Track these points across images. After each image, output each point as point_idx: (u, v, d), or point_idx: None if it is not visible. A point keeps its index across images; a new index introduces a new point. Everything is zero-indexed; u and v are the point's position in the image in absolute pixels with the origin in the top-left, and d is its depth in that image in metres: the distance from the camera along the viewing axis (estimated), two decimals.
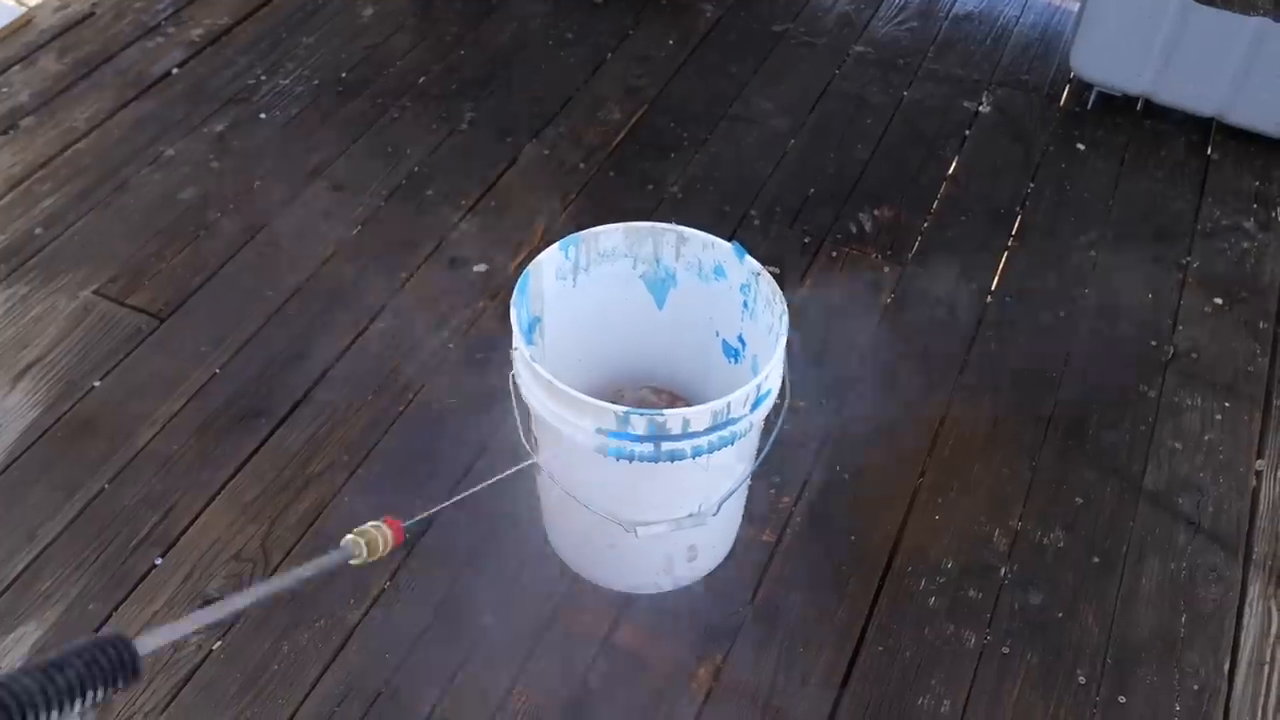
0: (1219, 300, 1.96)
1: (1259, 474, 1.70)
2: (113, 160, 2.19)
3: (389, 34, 2.54)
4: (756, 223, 2.08)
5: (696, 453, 1.22)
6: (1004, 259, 2.03)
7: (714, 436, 1.22)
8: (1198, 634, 1.50)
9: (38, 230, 2.03)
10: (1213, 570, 1.57)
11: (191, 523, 1.60)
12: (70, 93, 2.34)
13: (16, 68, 2.40)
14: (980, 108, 2.36)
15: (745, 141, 2.27)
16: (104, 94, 2.34)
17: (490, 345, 1.85)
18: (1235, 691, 1.45)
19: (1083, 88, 2.37)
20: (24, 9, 2.53)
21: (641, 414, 1.17)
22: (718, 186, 2.16)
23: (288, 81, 2.39)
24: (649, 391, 1.66)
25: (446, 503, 1.26)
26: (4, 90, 2.33)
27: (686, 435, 1.21)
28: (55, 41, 2.48)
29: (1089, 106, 2.35)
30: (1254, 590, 1.55)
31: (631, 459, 1.21)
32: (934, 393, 1.80)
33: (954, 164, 2.23)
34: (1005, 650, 1.48)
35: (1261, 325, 1.91)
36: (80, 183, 2.13)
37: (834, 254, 2.02)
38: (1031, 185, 2.18)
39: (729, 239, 1.39)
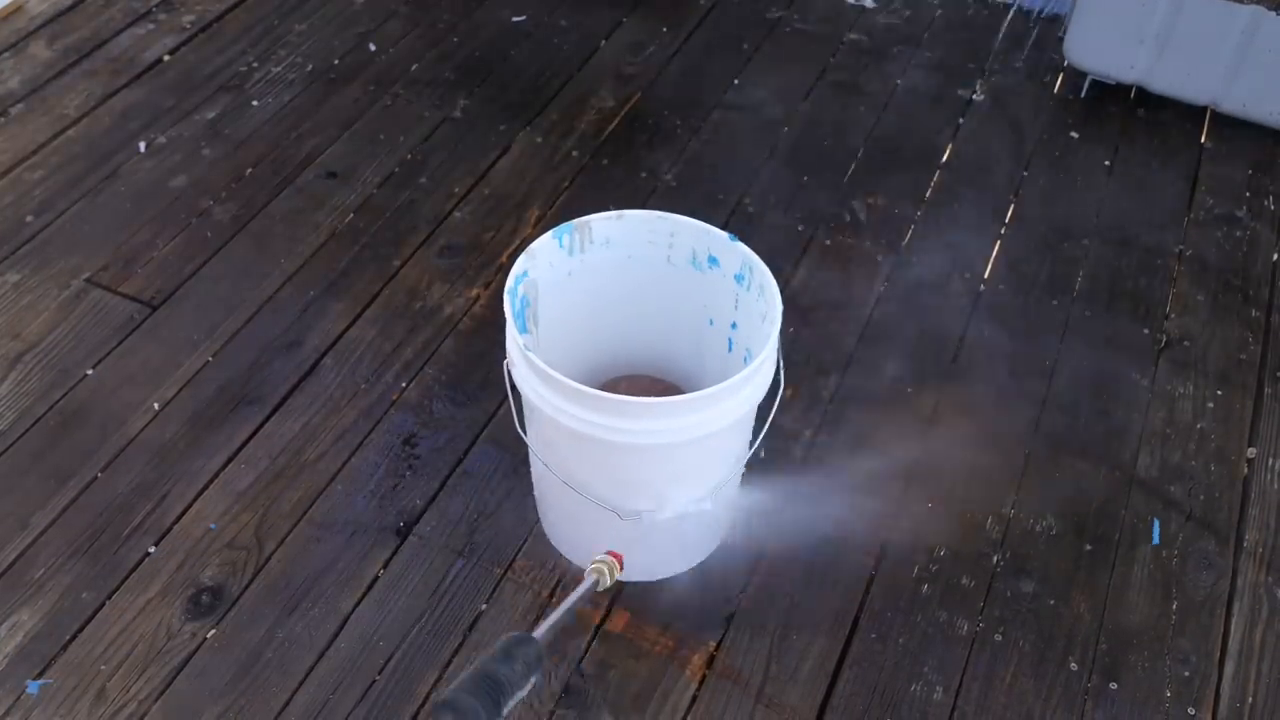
0: (1212, 288, 1.96)
1: (1250, 462, 1.70)
2: (104, 148, 2.18)
3: (381, 21, 2.53)
4: (750, 210, 2.08)
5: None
6: (997, 247, 2.03)
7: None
8: (1189, 621, 1.51)
9: (29, 218, 2.02)
10: (1204, 558, 1.58)
11: (185, 511, 1.60)
12: (61, 80, 2.33)
13: (6, 54, 2.39)
14: (974, 96, 2.36)
15: (739, 129, 2.26)
16: (94, 81, 2.33)
17: (485, 333, 1.85)
18: (1225, 679, 1.45)
19: (1077, 76, 2.37)
20: None
21: None
22: (712, 174, 2.16)
23: (280, 69, 2.38)
24: (646, 380, 1.66)
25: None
26: None
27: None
28: (45, 28, 2.46)
29: (1083, 95, 2.35)
30: (1245, 578, 1.56)
31: None
32: (927, 380, 1.80)
33: (948, 152, 2.23)
34: (998, 637, 1.49)
35: (1254, 313, 1.92)
36: (71, 170, 2.12)
37: (828, 242, 2.02)
38: (1025, 173, 2.18)
39: (723, 227, 1.38)
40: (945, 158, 2.22)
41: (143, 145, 2.19)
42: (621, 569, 1.28)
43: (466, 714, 0.77)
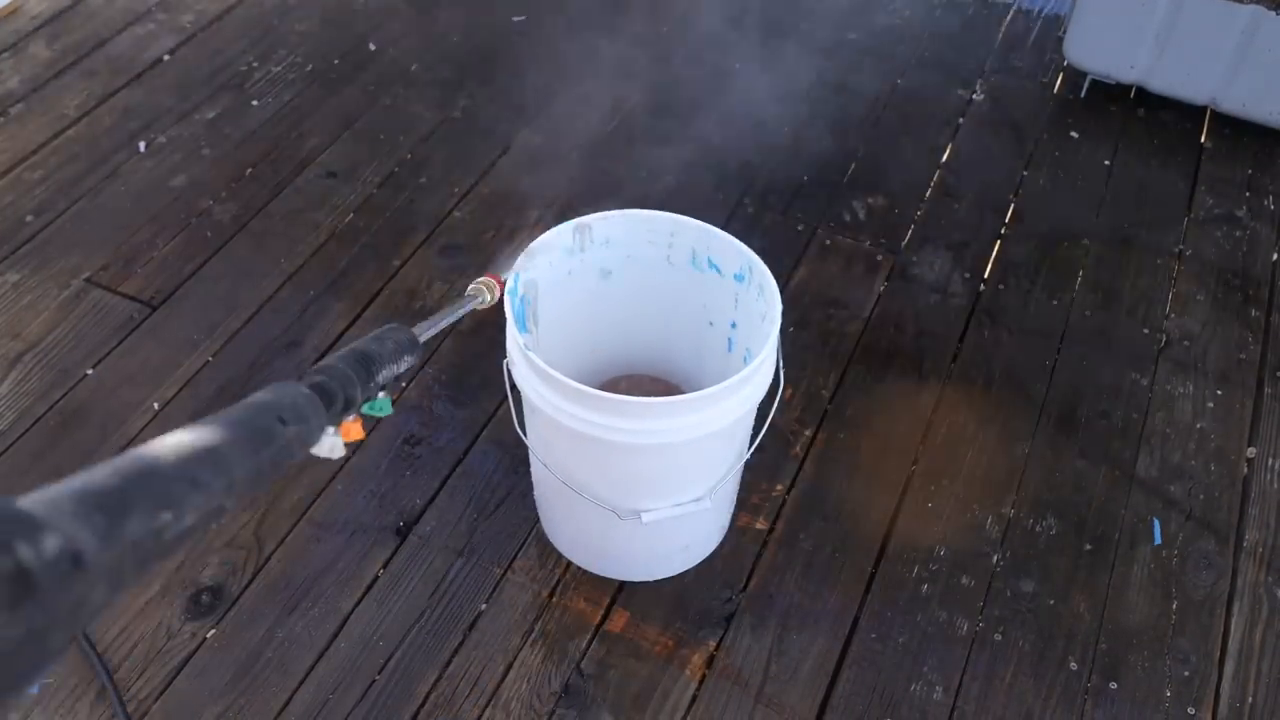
0: (1212, 288, 1.96)
1: (1250, 461, 1.70)
2: (103, 147, 2.18)
3: (381, 21, 2.53)
4: (750, 210, 2.08)
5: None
6: (997, 247, 2.03)
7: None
8: (1189, 621, 1.51)
9: (29, 218, 2.02)
10: (1204, 558, 1.58)
11: None
12: (60, 80, 2.33)
13: (6, 54, 2.39)
14: (974, 96, 2.36)
15: (739, 129, 2.26)
16: (94, 81, 2.33)
17: (485, 333, 1.85)
18: (1225, 678, 1.46)
19: (1076, 76, 2.37)
20: None
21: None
22: (711, 174, 2.16)
23: (280, 68, 2.38)
24: (646, 380, 1.66)
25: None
26: None
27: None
28: (45, 28, 2.46)
29: (1082, 94, 2.35)
30: (1245, 578, 1.56)
31: None
32: (927, 380, 1.80)
33: (947, 152, 2.23)
34: (998, 637, 1.49)
35: (1254, 313, 1.92)
36: (71, 170, 2.12)
37: (827, 242, 2.02)
38: (1025, 173, 2.18)
39: (723, 227, 1.39)
40: (945, 158, 2.22)
41: (143, 145, 2.19)
42: (502, 291, 1.21)
43: (335, 375, 0.82)
